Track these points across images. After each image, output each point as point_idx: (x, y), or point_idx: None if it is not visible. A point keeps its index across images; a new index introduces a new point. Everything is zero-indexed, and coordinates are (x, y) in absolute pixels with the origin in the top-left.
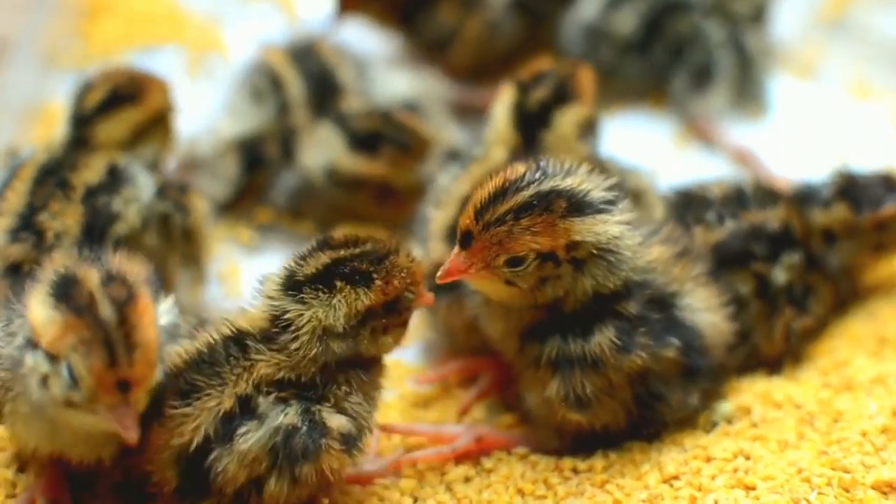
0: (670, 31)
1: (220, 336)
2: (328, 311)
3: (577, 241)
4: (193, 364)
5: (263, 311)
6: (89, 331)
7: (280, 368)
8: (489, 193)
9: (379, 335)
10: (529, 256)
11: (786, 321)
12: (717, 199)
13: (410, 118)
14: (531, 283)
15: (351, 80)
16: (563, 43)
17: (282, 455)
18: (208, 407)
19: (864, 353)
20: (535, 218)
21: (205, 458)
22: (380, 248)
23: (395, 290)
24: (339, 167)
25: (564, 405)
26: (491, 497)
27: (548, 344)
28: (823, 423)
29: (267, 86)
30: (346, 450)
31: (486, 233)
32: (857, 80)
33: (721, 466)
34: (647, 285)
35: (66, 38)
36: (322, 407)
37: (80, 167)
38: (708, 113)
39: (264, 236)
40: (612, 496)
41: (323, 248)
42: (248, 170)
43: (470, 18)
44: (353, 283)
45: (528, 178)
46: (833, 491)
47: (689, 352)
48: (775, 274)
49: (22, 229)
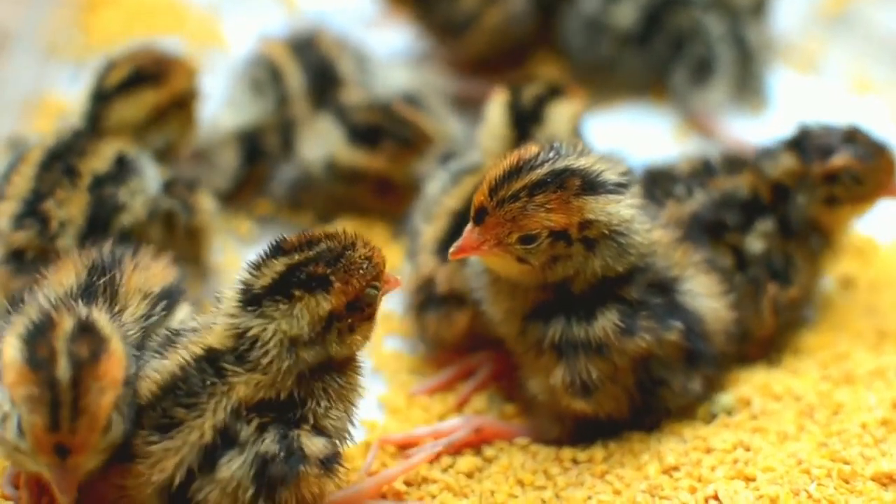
0: (670, 25)
1: (192, 357)
2: (291, 321)
3: (590, 219)
4: (169, 392)
5: (227, 330)
6: (39, 388)
7: (259, 388)
8: (504, 171)
9: (346, 335)
10: (542, 234)
11: (771, 297)
12: (683, 174)
13: (412, 112)
14: (543, 260)
15: (351, 73)
16: (563, 36)
17: (262, 482)
18: (190, 441)
19: (864, 346)
20: (549, 195)
21: (187, 490)
22: (334, 246)
23: (356, 288)
24: (338, 160)
25: (569, 393)
26: (491, 487)
27: (551, 326)
28: (823, 415)
29: (267, 78)
30: (326, 472)
31: (500, 209)
32: (859, 74)
33: (721, 457)
34: (648, 269)
35: (66, 30)
36: (301, 430)
37: (88, 154)
38: (708, 107)
39: (263, 228)
40: (611, 486)
41: (276, 254)
42: (247, 161)
43: (492, 6)
44: (310, 290)
45: (543, 157)
46: (832, 482)
47: (692, 336)
48: (750, 243)
49: (27, 215)
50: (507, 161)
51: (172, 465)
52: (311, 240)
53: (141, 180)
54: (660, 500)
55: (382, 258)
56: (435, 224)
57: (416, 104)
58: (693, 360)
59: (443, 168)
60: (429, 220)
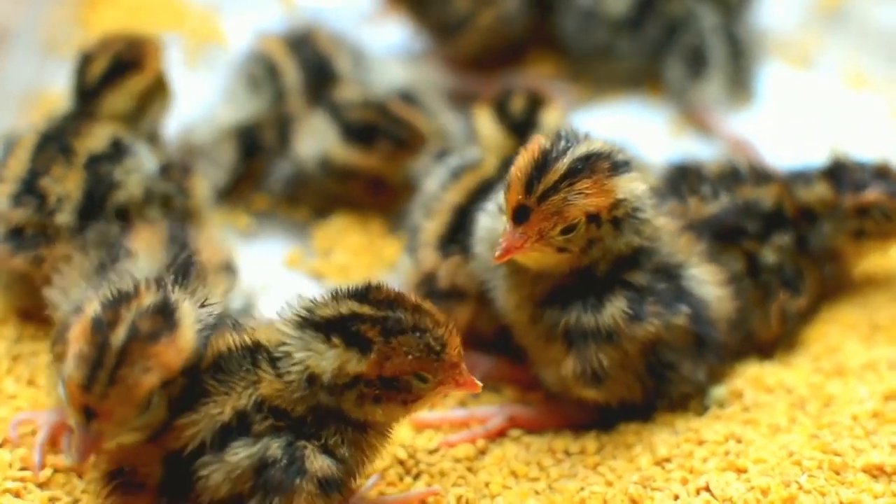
0: (663, 11)
1: (240, 343)
2: (318, 360)
3: (621, 199)
4: (211, 366)
5: (273, 333)
6: (89, 347)
7: (278, 396)
8: (531, 167)
9: (367, 403)
10: (581, 221)
11: (780, 304)
12: (712, 175)
13: (407, 110)
14: (581, 245)
15: (348, 69)
16: (558, 27)
17: (261, 481)
18: (210, 414)
19: (856, 338)
20: (585, 180)
21: (193, 463)
22: (409, 320)
23: (394, 368)
24: (331, 157)
25: (580, 382)
26: (486, 478)
27: (567, 312)
28: (814, 408)
29: (264, 73)
30: (322, 493)
31: (543, 204)
32: (854, 70)
33: (713, 449)
34: (654, 253)
35: (65, 26)
36: (309, 444)
37: (83, 135)
38: (705, 101)
39: (261, 223)
40: (604, 478)
41: (355, 296)
42: (245, 157)
43: (485, 7)
44: (348, 344)
45: (562, 146)
46: (823, 474)
47: (699, 320)
48: (765, 253)
49: (25, 193)
50: (526, 157)
51: (191, 434)
52: (394, 301)
53: (136, 161)
54: (652, 491)
55: (453, 357)
56: (436, 219)
57: (412, 102)
58: (700, 346)
59: (440, 164)
60: (429, 216)
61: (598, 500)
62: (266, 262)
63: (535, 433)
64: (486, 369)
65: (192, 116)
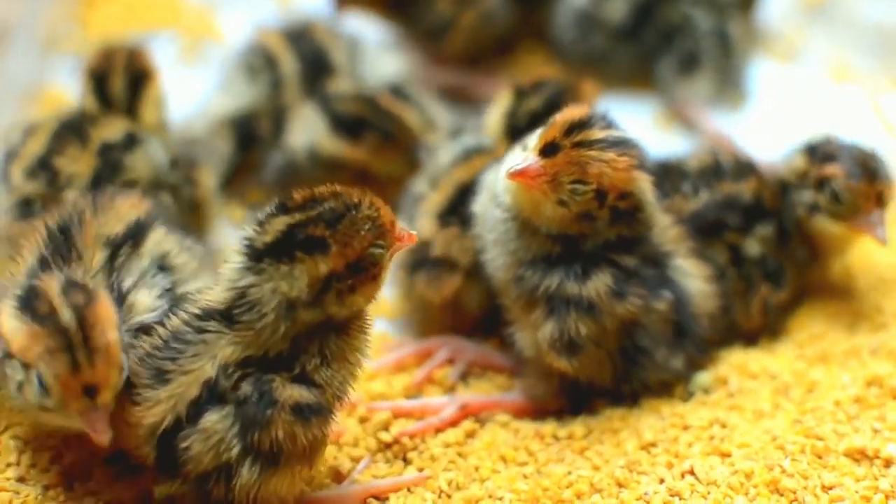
0: (660, 18)
1: (187, 315)
2: (290, 282)
3: (632, 192)
4: (164, 345)
5: (227, 289)
6: (52, 339)
7: (247, 346)
8: (578, 118)
9: (346, 296)
10: (592, 187)
11: (762, 297)
12: (693, 171)
13: (397, 106)
14: (579, 210)
15: (344, 62)
16: (554, 30)
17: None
18: (178, 393)
19: (839, 326)
20: (620, 155)
21: (175, 437)
22: (337, 205)
23: (356, 250)
24: (319, 148)
25: (555, 348)
26: (475, 463)
27: (549, 276)
28: (798, 393)
29: (261, 64)
30: (299, 420)
31: (575, 150)
32: (839, 63)
33: (698, 434)
34: (646, 242)
35: (64, 24)
36: (277, 376)
37: (100, 125)
38: (692, 98)
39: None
40: (591, 462)
41: (279, 212)
42: (241, 147)
43: (465, 8)
44: (309, 252)
45: (607, 121)
46: (806, 458)
47: (680, 309)
48: (748, 245)
49: (38, 168)
50: (575, 111)
51: (162, 411)
52: (314, 198)
53: (147, 152)
54: (638, 475)
55: (390, 217)
56: (441, 192)
57: (403, 97)
58: (680, 336)
59: (456, 140)
60: (435, 188)
61: (585, 484)
62: None
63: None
64: (472, 356)
65: (188, 112)
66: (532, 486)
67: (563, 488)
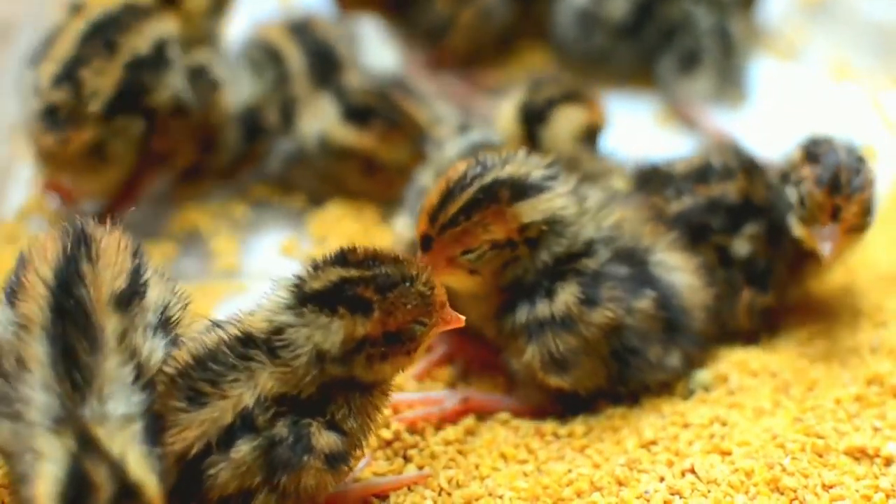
0: (661, 16)
1: (227, 336)
2: (325, 335)
3: (527, 223)
4: (201, 365)
5: (265, 321)
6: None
7: (284, 383)
8: (439, 197)
9: (376, 363)
10: (484, 247)
11: (745, 301)
12: (679, 175)
13: (406, 100)
14: (493, 268)
15: (348, 54)
16: (555, 28)
17: (268, 465)
18: (212, 417)
19: (840, 324)
20: (484, 212)
21: (202, 463)
22: (393, 272)
23: (398, 322)
24: (330, 136)
25: (544, 370)
26: (475, 461)
27: (517, 312)
28: (798, 392)
29: (265, 58)
30: (329, 468)
31: (442, 235)
32: (839, 62)
33: (698, 432)
34: (612, 241)
35: None
36: (314, 421)
37: (131, 31)
38: (692, 96)
39: (258, 212)
40: (591, 460)
41: (337, 262)
42: (247, 138)
43: (463, 6)
44: (352, 311)
45: (471, 174)
46: (806, 456)
47: (667, 305)
48: (737, 245)
49: (64, 78)
50: (440, 186)
51: (193, 436)
52: (375, 259)
53: (172, 72)
54: (638, 473)
55: (442, 298)
56: None
57: (409, 92)
58: (671, 332)
59: (463, 135)
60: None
61: (585, 482)
62: (262, 250)
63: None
64: (472, 353)
65: None
66: (532, 484)
67: (564, 486)
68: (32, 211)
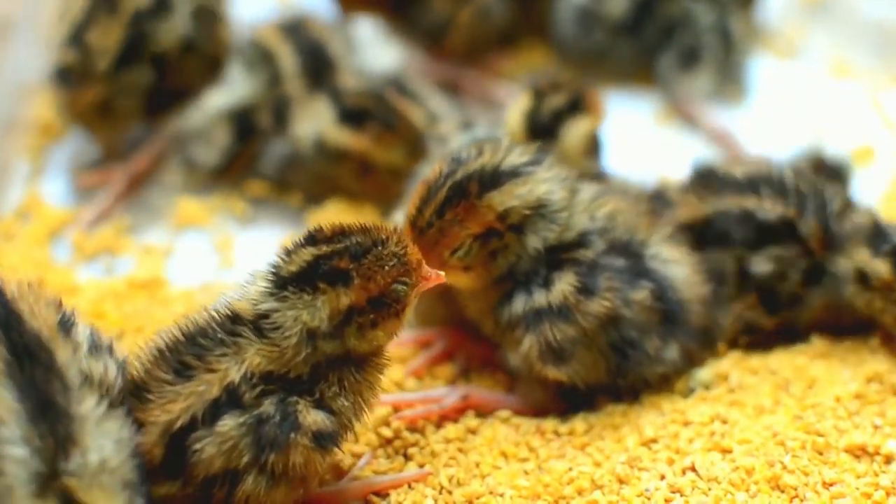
0: (661, 14)
1: (216, 314)
2: (312, 312)
3: (503, 210)
4: (189, 340)
5: (252, 306)
6: None
7: (270, 361)
8: (416, 202)
9: (367, 331)
10: (466, 241)
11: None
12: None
13: (403, 102)
14: (483, 260)
15: (342, 55)
16: (555, 26)
17: (255, 443)
18: (198, 391)
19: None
20: (455, 209)
21: (188, 437)
22: (363, 240)
23: (379, 285)
24: (325, 138)
25: (542, 360)
26: (476, 459)
27: (515, 302)
28: (798, 389)
29: (258, 58)
30: (317, 447)
31: (422, 238)
32: (839, 60)
33: (698, 430)
34: (607, 232)
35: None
36: (301, 399)
37: None
38: (692, 94)
39: (256, 209)
40: (592, 458)
41: (307, 242)
42: (240, 138)
43: (462, 5)
44: (332, 284)
45: (445, 173)
46: (807, 454)
47: (664, 297)
48: (756, 261)
49: (73, 42)
50: (418, 191)
51: (179, 408)
52: (343, 231)
53: (176, 15)
54: (639, 471)
55: (417, 256)
56: None
57: (405, 91)
58: (669, 325)
59: (468, 131)
60: None
61: (586, 480)
62: (261, 248)
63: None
64: (472, 350)
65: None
66: (533, 483)
67: (564, 484)
68: (29, 208)
